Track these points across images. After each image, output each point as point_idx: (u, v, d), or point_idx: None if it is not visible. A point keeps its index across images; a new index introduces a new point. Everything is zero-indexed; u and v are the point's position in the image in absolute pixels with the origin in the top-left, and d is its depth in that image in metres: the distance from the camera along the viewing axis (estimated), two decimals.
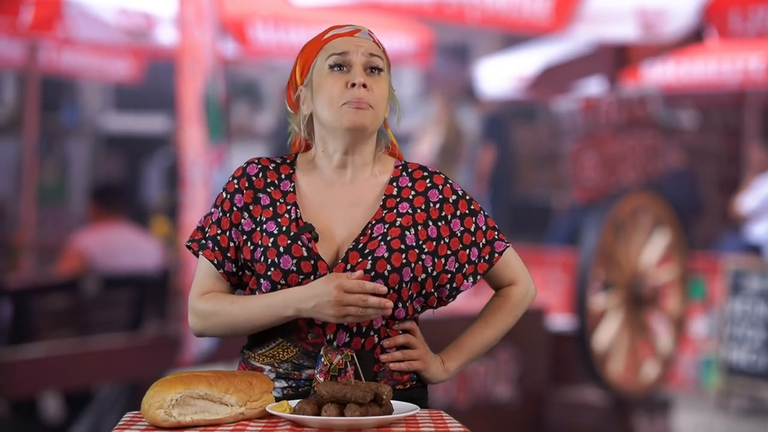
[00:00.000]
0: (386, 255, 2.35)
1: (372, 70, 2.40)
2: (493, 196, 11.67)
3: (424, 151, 10.97)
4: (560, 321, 7.08)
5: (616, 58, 7.23)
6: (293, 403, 2.24)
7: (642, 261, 6.54)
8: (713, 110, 11.95)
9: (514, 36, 11.43)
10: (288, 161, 2.48)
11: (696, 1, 6.44)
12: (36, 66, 8.11)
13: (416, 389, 2.46)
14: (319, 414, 2.16)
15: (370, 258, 2.35)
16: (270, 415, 2.25)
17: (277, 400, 2.34)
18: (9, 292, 6.12)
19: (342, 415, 2.15)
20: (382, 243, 2.36)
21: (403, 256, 2.36)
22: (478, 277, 2.45)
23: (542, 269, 8.95)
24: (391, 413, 2.19)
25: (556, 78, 9.38)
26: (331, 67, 2.39)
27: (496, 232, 2.47)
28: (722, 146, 11.93)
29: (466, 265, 2.43)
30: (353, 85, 2.36)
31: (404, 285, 2.36)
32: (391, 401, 2.21)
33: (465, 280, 2.44)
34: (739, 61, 9.27)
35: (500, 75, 10.43)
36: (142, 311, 6.41)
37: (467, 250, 2.43)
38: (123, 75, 9.42)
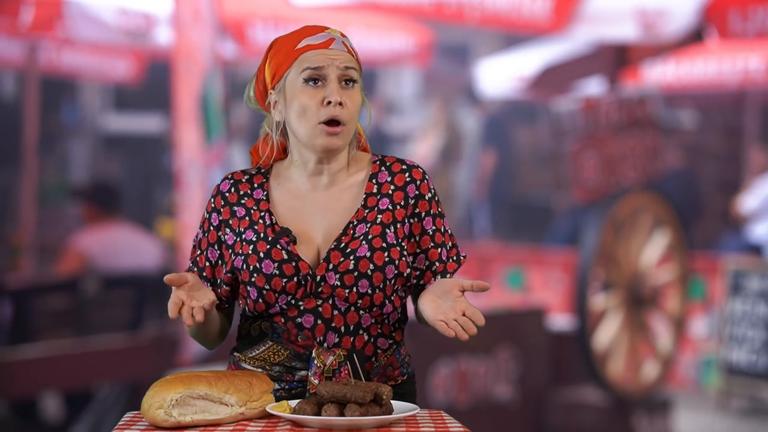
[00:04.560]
0: (368, 254, 2.35)
1: (346, 82, 2.40)
2: (493, 196, 11.69)
3: (422, 152, 10.98)
4: (560, 321, 7.08)
5: (616, 58, 7.22)
6: (293, 403, 2.24)
7: (642, 261, 6.54)
8: (713, 110, 11.94)
9: (514, 36, 11.42)
10: (262, 171, 2.48)
11: (696, 1, 6.44)
12: (36, 66, 8.11)
13: (407, 384, 2.47)
14: (319, 414, 2.16)
15: (352, 257, 2.35)
16: (270, 415, 2.25)
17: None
18: (9, 292, 6.12)
19: (342, 415, 2.15)
20: (364, 242, 2.36)
21: (386, 254, 2.36)
22: (447, 275, 2.44)
23: (542, 269, 8.95)
24: (391, 413, 2.19)
25: (556, 78, 9.37)
26: (306, 80, 2.38)
27: (455, 239, 2.49)
28: (722, 146, 11.93)
29: (437, 263, 2.43)
30: (329, 102, 2.36)
31: (388, 282, 2.36)
32: (391, 401, 2.21)
33: (434, 277, 2.43)
34: (739, 61, 9.26)
35: (500, 75, 10.42)
36: (142, 311, 6.40)
37: (438, 249, 2.44)
38: (123, 75, 9.42)
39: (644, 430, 6.46)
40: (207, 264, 2.45)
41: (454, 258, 2.45)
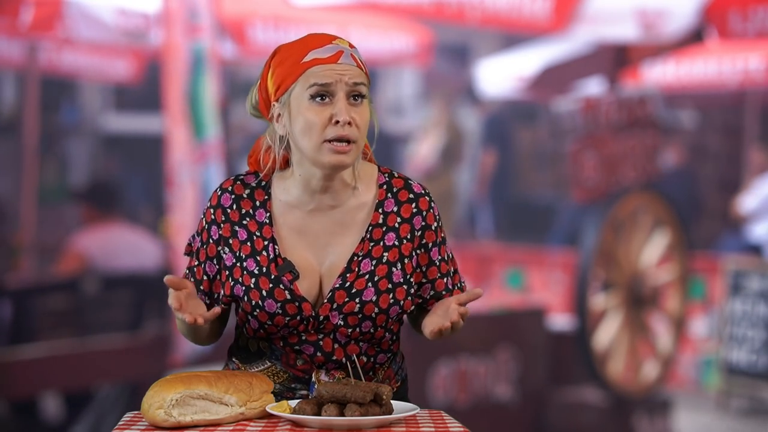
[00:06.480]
0: (374, 298, 2.31)
1: (355, 98, 2.29)
2: (493, 196, 11.68)
3: (424, 152, 10.98)
4: (560, 321, 7.08)
5: (616, 58, 7.22)
6: (293, 403, 2.24)
7: (642, 261, 6.54)
8: (713, 110, 11.94)
9: (514, 36, 11.42)
10: (263, 184, 2.38)
11: (696, 1, 6.44)
12: (36, 66, 8.11)
13: (400, 389, 2.47)
14: (319, 414, 2.16)
15: (357, 300, 2.31)
16: (270, 415, 2.25)
17: None
18: (9, 292, 6.13)
19: (342, 415, 2.15)
20: (370, 284, 2.31)
21: (391, 296, 2.32)
22: None
23: (542, 269, 8.95)
24: (391, 413, 2.19)
25: (556, 78, 9.37)
26: (312, 96, 2.27)
27: (455, 263, 2.46)
28: (722, 146, 11.93)
29: (443, 293, 2.39)
30: (337, 121, 2.25)
31: (390, 320, 2.34)
32: (391, 401, 2.21)
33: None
34: (739, 61, 9.26)
35: (500, 75, 10.42)
36: (142, 311, 6.40)
37: (444, 279, 2.40)
38: (123, 75, 9.42)
39: (644, 430, 6.46)
40: (205, 278, 2.38)
41: (458, 286, 2.42)
